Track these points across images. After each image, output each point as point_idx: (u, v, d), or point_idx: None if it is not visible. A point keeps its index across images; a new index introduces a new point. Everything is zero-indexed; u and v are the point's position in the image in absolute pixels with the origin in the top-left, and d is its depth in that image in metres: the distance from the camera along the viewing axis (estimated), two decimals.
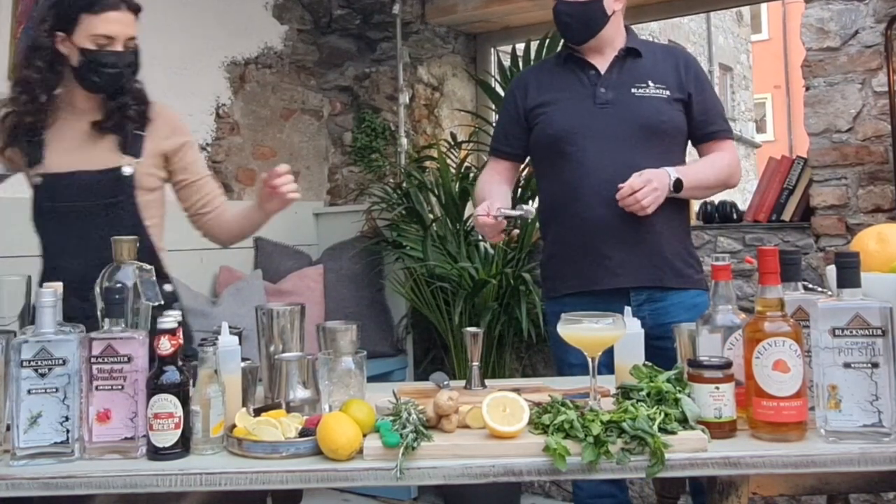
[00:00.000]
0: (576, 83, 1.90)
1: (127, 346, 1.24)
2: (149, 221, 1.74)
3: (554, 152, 1.88)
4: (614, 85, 1.88)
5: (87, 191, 1.67)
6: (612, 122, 1.83)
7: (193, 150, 1.84)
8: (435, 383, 1.58)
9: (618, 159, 1.79)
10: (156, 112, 1.77)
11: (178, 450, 1.21)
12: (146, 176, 1.74)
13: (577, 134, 1.84)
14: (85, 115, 1.72)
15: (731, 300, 1.33)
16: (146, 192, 1.74)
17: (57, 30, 1.66)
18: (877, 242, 1.40)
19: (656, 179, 1.74)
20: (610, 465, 1.16)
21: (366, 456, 1.19)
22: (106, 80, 1.67)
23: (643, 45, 1.95)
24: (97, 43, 1.64)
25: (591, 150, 1.82)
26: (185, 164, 1.79)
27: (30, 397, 1.20)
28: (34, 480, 1.17)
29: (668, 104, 1.86)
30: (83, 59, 1.65)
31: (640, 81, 1.87)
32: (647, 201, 1.71)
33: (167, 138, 1.77)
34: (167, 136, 1.77)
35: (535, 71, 2.10)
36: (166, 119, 1.79)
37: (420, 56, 3.61)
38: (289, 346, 1.50)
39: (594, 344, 1.29)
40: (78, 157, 1.70)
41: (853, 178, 2.46)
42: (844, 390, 1.19)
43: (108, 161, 1.70)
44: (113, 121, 1.71)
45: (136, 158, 1.72)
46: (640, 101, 1.85)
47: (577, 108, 1.87)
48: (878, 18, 2.42)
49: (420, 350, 3.37)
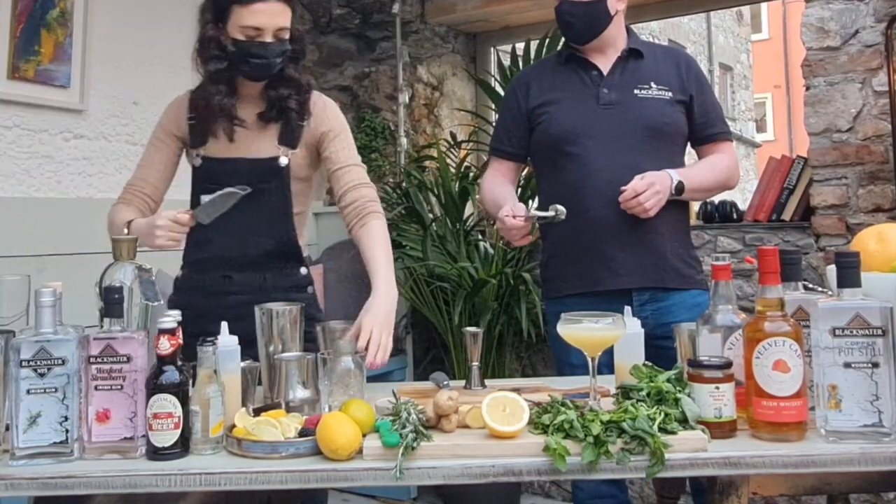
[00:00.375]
0: (578, 83, 1.90)
1: (126, 346, 1.23)
2: (296, 209, 1.77)
3: (556, 152, 1.87)
4: (617, 86, 1.87)
5: (243, 177, 1.68)
6: (616, 124, 1.83)
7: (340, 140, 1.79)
8: (435, 383, 1.58)
9: (620, 161, 1.79)
10: (315, 103, 1.79)
11: (177, 450, 1.21)
12: (300, 166, 1.76)
13: (580, 134, 1.84)
14: (250, 104, 1.75)
15: (731, 300, 1.33)
16: (298, 181, 1.77)
17: (216, 21, 1.70)
18: (877, 242, 1.40)
19: (659, 182, 1.74)
20: (610, 465, 1.16)
21: (365, 456, 1.18)
22: (255, 70, 1.69)
23: (644, 45, 1.95)
24: (246, 34, 1.66)
25: (593, 151, 1.82)
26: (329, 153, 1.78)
27: (29, 397, 1.20)
28: (33, 480, 1.16)
29: (670, 106, 1.86)
30: (235, 50, 1.68)
31: (643, 83, 1.87)
32: (649, 204, 1.72)
33: (320, 129, 1.77)
34: (321, 126, 1.77)
35: (536, 70, 2.09)
36: (324, 110, 1.80)
37: (420, 55, 3.61)
38: (288, 346, 1.50)
39: (594, 344, 1.29)
40: (239, 144, 1.73)
41: (853, 178, 2.46)
42: (845, 390, 1.19)
43: (266, 150, 1.73)
44: (275, 111, 1.74)
45: (293, 149, 1.75)
46: (643, 102, 1.85)
47: (580, 108, 1.87)
48: (879, 18, 2.42)
49: (420, 350, 3.37)
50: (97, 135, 2.63)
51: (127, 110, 2.71)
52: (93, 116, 2.61)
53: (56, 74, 2.46)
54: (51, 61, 2.44)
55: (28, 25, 2.38)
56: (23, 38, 2.37)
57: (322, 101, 1.82)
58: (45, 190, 2.47)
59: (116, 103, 2.68)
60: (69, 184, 2.54)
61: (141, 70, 2.76)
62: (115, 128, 2.69)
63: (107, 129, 2.66)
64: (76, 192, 2.56)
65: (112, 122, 2.67)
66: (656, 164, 1.79)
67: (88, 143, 2.59)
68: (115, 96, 2.67)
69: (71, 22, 2.49)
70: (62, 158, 2.52)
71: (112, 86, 2.66)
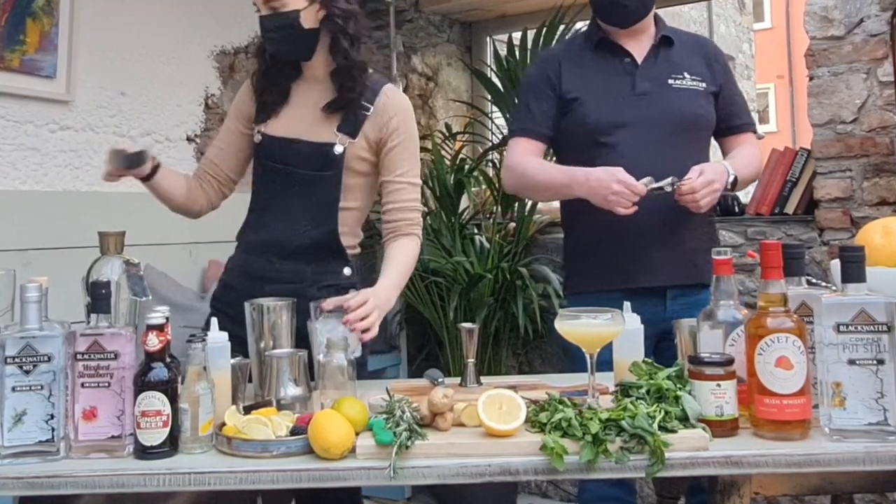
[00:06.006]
0: (611, 71, 1.84)
1: (113, 343, 1.21)
2: (345, 204, 1.71)
3: (589, 143, 1.81)
4: (651, 75, 1.83)
5: (298, 158, 1.68)
6: (650, 115, 1.79)
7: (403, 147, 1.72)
8: (429, 380, 1.57)
9: (654, 153, 1.75)
10: (387, 97, 1.72)
11: (165, 448, 1.19)
12: (356, 159, 1.70)
13: (615, 125, 1.79)
14: (317, 87, 1.73)
15: (732, 295, 1.31)
16: (354, 174, 1.71)
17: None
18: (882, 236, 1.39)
19: (718, 179, 1.70)
20: (609, 465, 1.15)
21: (358, 455, 1.17)
22: (271, 46, 1.70)
23: (673, 32, 1.90)
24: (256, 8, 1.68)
25: (628, 143, 1.77)
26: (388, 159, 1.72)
27: (14, 395, 1.18)
28: (18, 480, 1.15)
29: (703, 97, 1.83)
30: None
31: (677, 73, 1.83)
32: (704, 202, 1.68)
33: (382, 128, 1.71)
34: (387, 124, 1.71)
35: (565, 52, 1.97)
36: (393, 108, 1.72)
37: (414, 45, 3.58)
38: (280, 343, 1.48)
39: (593, 340, 1.28)
40: (300, 126, 1.71)
41: (858, 171, 2.43)
42: (849, 387, 1.17)
43: (324, 135, 1.70)
44: (338, 97, 1.70)
45: (351, 139, 1.69)
46: (678, 93, 1.81)
47: (615, 98, 1.81)
48: (884, 6, 2.39)
49: (414, 346, 3.34)
50: (84, 126, 2.59)
51: (114, 101, 2.67)
52: (79, 107, 2.57)
53: (42, 64, 2.43)
54: (36, 51, 2.40)
55: (13, 14, 2.34)
56: (8, 27, 2.33)
57: (397, 98, 1.75)
58: (31, 182, 2.43)
59: (103, 94, 2.64)
60: (55, 176, 2.50)
61: (128, 60, 2.72)
62: (103, 119, 2.65)
63: (94, 120, 2.62)
64: (63, 185, 2.52)
65: (99, 113, 2.63)
66: (688, 156, 1.75)
67: (75, 135, 2.55)
68: (102, 87, 2.63)
69: (57, 11, 2.45)
70: (48, 150, 2.48)
71: (99, 76, 2.61)
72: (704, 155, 1.84)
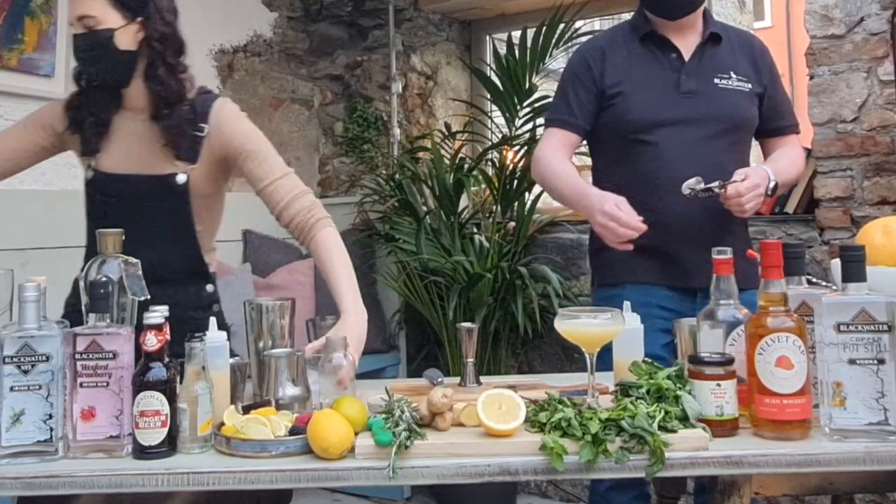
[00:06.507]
0: (657, 67, 1.81)
1: (112, 342, 1.21)
2: (200, 227, 1.64)
3: (630, 140, 1.78)
4: (697, 73, 1.79)
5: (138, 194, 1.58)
6: (693, 115, 1.76)
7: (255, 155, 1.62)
8: (428, 380, 1.56)
9: (698, 154, 1.72)
10: (217, 117, 1.62)
11: (164, 448, 1.19)
12: (202, 182, 1.62)
13: (656, 123, 1.76)
14: (139, 117, 1.61)
15: (733, 295, 1.31)
16: (201, 197, 1.63)
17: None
18: (883, 235, 1.39)
19: (763, 184, 1.68)
20: (608, 465, 1.14)
21: (357, 455, 1.17)
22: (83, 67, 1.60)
23: (723, 29, 1.87)
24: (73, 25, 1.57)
25: (671, 142, 1.74)
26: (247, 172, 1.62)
27: (12, 394, 1.18)
28: (17, 480, 1.14)
29: (749, 99, 1.81)
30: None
31: (723, 72, 1.80)
32: (749, 206, 1.66)
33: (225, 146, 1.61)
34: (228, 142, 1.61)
35: (608, 43, 1.89)
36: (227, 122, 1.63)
37: (413, 44, 3.57)
38: (278, 342, 1.47)
39: (592, 340, 1.27)
40: (132, 158, 1.60)
41: (858, 170, 2.43)
42: (849, 387, 1.17)
43: (163, 167, 1.59)
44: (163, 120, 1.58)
45: (191, 164, 1.60)
46: (723, 93, 1.78)
47: (659, 95, 1.78)
48: (884, 5, 2.39)
49: (413, 346, 3.34)
50: None
51: None
52: None
53: (40, 63, 2.43)
54: (34, 50, 2.40)
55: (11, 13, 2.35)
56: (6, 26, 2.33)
57: (224, 111, 1.64)
58: (29, 182, 2.42)
59: None
60: (53, 175, 2.50)
61: None
62: None
63: None
64: (61, 184, 2.52)
65: None
66: (730, 158, 1.73)
67: None
68: None
69: (55, 10, 2.45)
70: None
71: None
72: (745, 157, 1.81)
